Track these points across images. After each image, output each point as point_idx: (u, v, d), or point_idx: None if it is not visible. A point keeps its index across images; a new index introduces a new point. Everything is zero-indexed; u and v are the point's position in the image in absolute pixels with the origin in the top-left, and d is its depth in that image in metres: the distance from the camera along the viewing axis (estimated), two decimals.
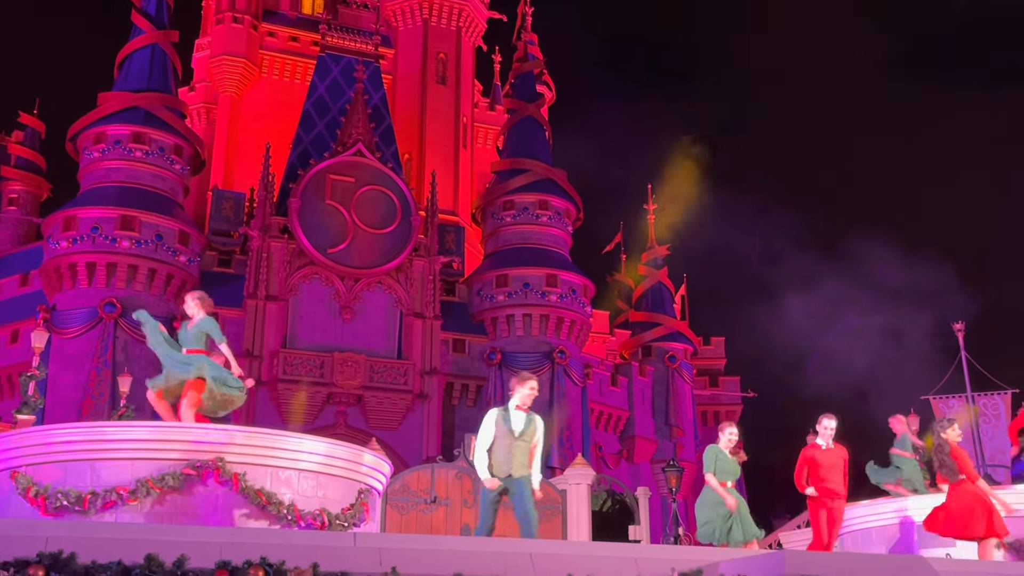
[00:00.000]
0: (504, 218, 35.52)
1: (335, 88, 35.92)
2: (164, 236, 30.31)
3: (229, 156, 39.69)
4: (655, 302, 41.44)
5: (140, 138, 31.44)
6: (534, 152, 36.60)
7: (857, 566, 5.82)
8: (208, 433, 9.43)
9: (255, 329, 30.57)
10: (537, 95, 39.10)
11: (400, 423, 31.39)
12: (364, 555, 5.54)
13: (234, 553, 5.17)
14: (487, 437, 8.91)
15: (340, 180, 32.62)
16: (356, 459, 10.29)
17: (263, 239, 31.54)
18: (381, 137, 34.68)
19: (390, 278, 32.55)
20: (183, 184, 32.64)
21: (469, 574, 5.47)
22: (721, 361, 44.43)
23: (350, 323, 31.74)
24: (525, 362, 32.83)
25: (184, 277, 30.78)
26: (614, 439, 36.49)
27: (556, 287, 33.86)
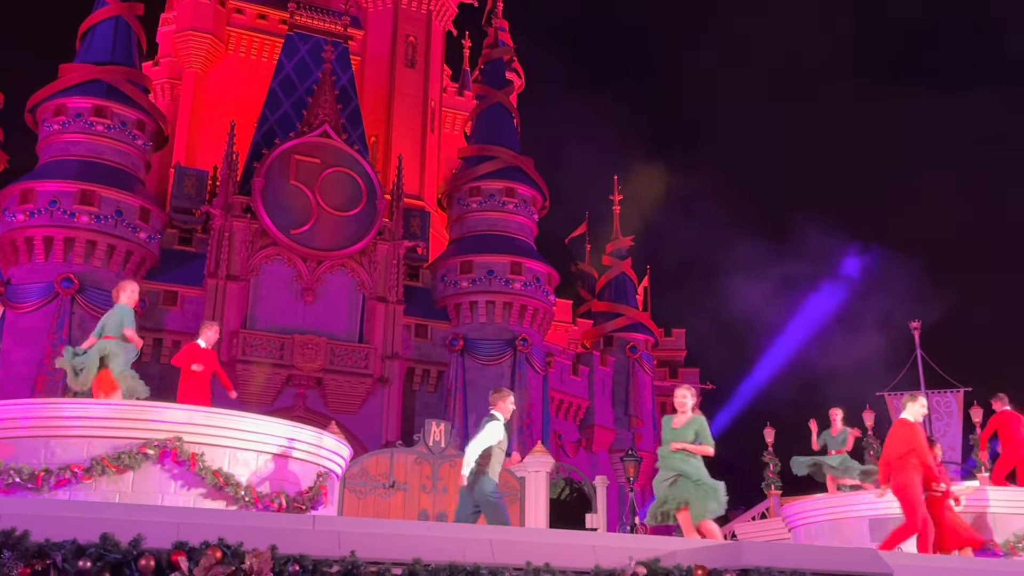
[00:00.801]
0: (470, 204, 35.44)
1: (302, 68, 35.57)
2: (124, 212, 29.86)
3: (193, 133, 39.16)
4: (618, 292, 41.66)
5: (102, 112, 30.92)
6: (502, 139, 36.54)
7: (811, 557, 5.90)
8: (166, 412, 9.35)
9: (215, 309, 30.25)
10: (506, 82, 39.02)
11: (360, 407, 31.28)
12: (323, 538, 5.52)
13: (191, 534, 5.12)
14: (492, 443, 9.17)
15: (305, 161, 32.33)
16: (316, 442, 10.25)
17: (225, 218, 31.20)
18: (348, 119, 34.41)
19: (353, 261, 32.37)
20: (145, 160, 32.18)
21: (428, 560, 5.46)
22: (681, 353, 44.83)
23: (311, 305, 31.53)
24: (487, 349, 32.87)
25: (144, 254, 30.37)
26: (574, 428, 36.66)
27: (520, 275, 33.88)
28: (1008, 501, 12.17)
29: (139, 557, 4.91)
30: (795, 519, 13.88)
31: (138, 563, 4.89)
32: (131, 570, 4.89)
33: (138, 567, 4.89)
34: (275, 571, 5.12)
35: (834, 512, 12.96)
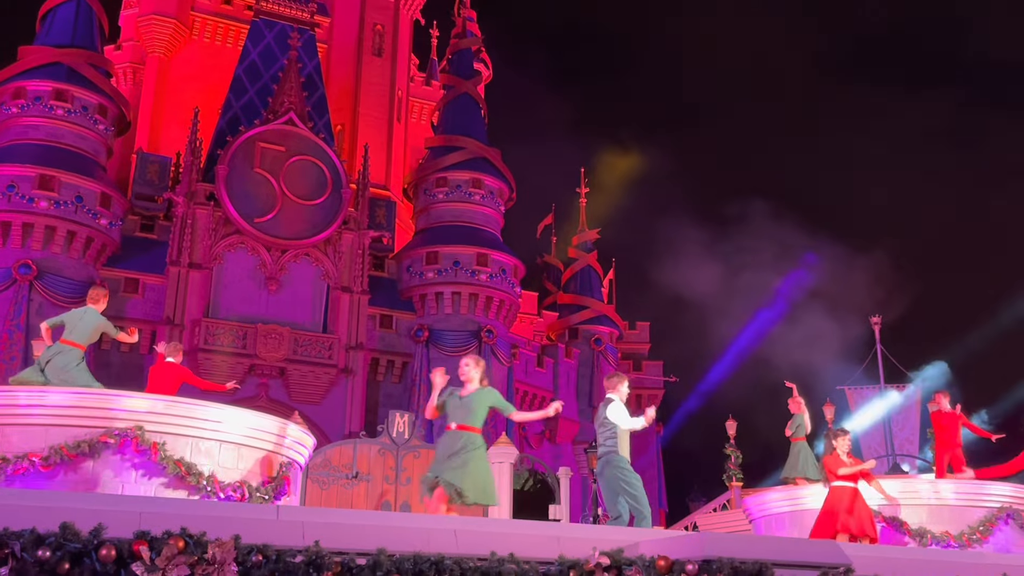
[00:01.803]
0: (436, 195, 35.34)
1: (268, 54, 35.22)
2: (84, 198, 29.42)
3: (155, 119, 38.62)
4: (583, 285, 41.79)
5: (62, 95, 30.42)
6: (469, 130, 36.45)
7: (772, 549, 5.97)
8: (127, 401, 9.25)
9: (177, 297, 29.94)
10: (474, 72, 38.90)
11: (323, 397, 31.12)
12: (287, 528, 5.49)
13: (153, 523, 5.07)
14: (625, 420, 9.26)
15: (270, 148, 32.05)
16: (279, 432, 10.20)
17: (188, 205, 30.86)
18: (314, 107, 34.13)
19: (318, 250, 32.16)
20: (106, 145, 31.71)
21: (392, 550, 5.46)
22: (645, 346, 45.07)
23: (275, 294, 31.29)
24: (452, 340, 32.83)
25: (104, 241, 29.95)
26: (537, 420, 36.75)
27: (486, 266, 33.86)
28: (962, 494, 12.42)
29: (100, 547, 4.86)
30: (756, 511, 14.04)
31: (99, 553, 4.84)
32: (91, 560, 4.84)
33: (99, 557, 4.84)
34: (238, 561, 5.09)
35: (794, 504, 13.14)
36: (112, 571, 4.89)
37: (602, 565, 5.79)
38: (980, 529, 11.79)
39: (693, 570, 5.59)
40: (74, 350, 10.14)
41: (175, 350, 12.14)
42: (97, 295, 10.53)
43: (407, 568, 5.43)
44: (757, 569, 5.53)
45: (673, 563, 5.72)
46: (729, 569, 5.50)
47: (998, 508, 12.05)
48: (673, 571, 5.70)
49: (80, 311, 10.39)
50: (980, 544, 11.57)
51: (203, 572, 5.02)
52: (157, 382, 11.81)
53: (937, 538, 11.66)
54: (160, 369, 12.03)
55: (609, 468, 9.08)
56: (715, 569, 5.51)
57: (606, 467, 9.11)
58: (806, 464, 14.73)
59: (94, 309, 10.38)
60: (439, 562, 5.49)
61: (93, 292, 10.58)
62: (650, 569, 5.75)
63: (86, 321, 10.25)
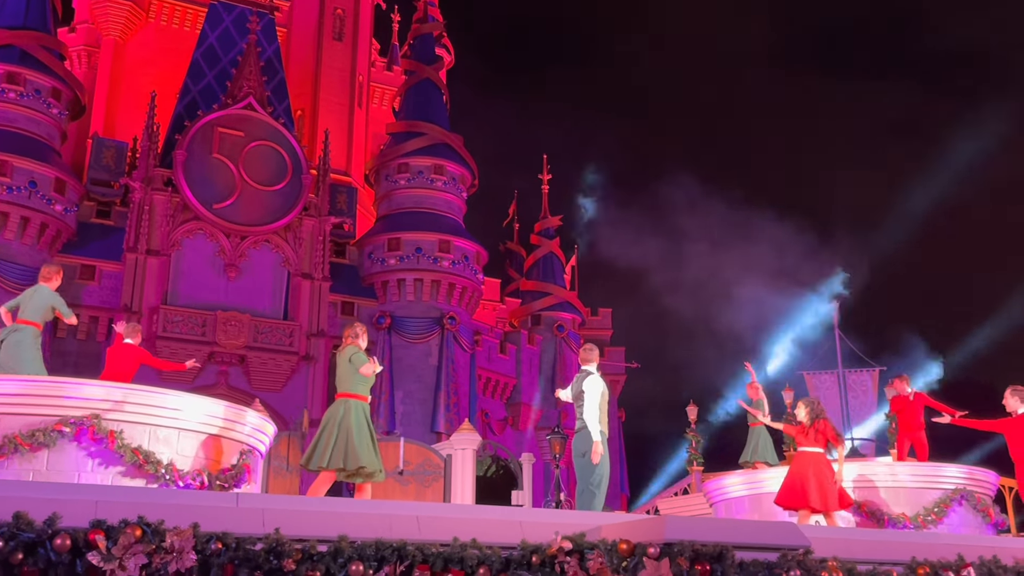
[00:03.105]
0: (398, 181, 35.15)
1: (226, 38, 34.74)
2: (39, 183, 28.88)
3: (111, 103, 37.98)
4: (546, 272, 41.85)
5: (14, 78, 29.81)
6: (431, 116, 36.27)
7: (732, 531, 6.02)
8: (83, 389, 9.09)
9: (135, 284, 29.53)
10: (436, 58, 38.70)
11: (284, 385, 30.91)
12: (247, 516, 5.43)
13: (109, 512, 4.99)
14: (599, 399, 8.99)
15: (229, 134, 31.66)
16: (239, 419, 10.09)
17: (146, 191, 30.42)
18: (273, 92, 33.76)
19: (278, 237, 31.87)
20: (61, 129, 31.14)
21: (354, 536, 5.43)
22: (608, 332, 45.28)
23: (235, 281, 30.98)
24: (415, 327, 32.74)
25: (60, 227, 29.44)
26: (500, 406, 36.81)
27: (449, 253, 33.78)
28: (918, 476, 12.61)
29: (55, 536, 4.77)
30: (716, 494, 14.16)
31: (53, 542, 4.75)
32: (46, 550, 4.75)
33: (53, 546, 4.75)
34: (197, 549, 5.02)
35: (753, 487, 13.26)
36: (67, 561, 4.81)
37: (564, 549, 5.80)
38: (935, 510, 11.97)
39: (655, 553, 5.61)
40: (28, 328, 10.02)
41: (133, 331, 11.94)
42: (49, 273, 10.36)
43: (369, 555, 5.39)
44: (718, 552, 5.57)
45: (635, 546, 5.74)
46: (690, 552, 5.53)
47: (952, 490, 12.24)
48: (635, 554, 5.72)
49: (32, 289, 10.28)
50: (935, 525, 11.76)
51: (161, 561, 4.95)
52: (115, 365, 11.62)
53: (894, 519, 11.83)
54: (118, 351, 11.82)
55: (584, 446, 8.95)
56: (676, 552, 5.54)
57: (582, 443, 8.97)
58: (765, 449, 14.87)
59: (46, 287, 10.23)
60: (401, 548, 5.47)
61: (45, 270, 10.41)
62: (612, 553, 5.77)
63: (37, 298, 10.12)
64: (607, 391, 9.24)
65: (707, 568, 5.54)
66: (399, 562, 5.45)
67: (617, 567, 5.74)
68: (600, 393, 9.03)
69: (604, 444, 8.95)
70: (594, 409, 8.97)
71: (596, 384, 9.07)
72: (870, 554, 6.80)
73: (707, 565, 5.55)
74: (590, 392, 9.01)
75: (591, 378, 9.14)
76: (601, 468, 8.87)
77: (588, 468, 8.90)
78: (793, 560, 5.84)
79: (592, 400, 9.00)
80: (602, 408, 9.05)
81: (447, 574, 5.52)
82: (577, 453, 9.06)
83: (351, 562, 5.33)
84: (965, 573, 6.65)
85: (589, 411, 8.97)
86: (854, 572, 6.39)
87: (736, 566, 5.63)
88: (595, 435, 8.84)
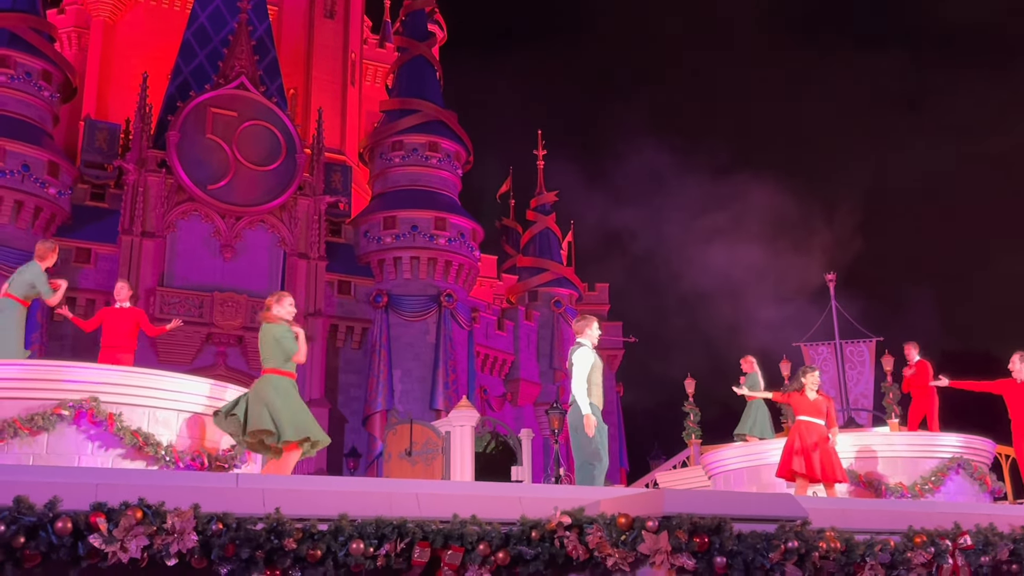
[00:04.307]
0: (393, 159, 35.04)
1: (217, 17, 34.48)
2: (32, 167, 28.76)
3: (103, 84, 37.75)
4: (542, 248, 41.81)
5: (4, 61, 29.62)
6: (424, 92, 36.09)
7: (731, 504, 6.06)
8: (81, 372, 9.11)
9: (130, 266, 29.47)
10: (428, 34, 38.44)
11: None
12: (247, 496, 5.45)
13: (110, 494, 5.01)
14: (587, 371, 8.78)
15: (222, 114, 31.50)
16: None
17: (139, 173, 30.31)
18: (265, 71, 33.56)
19: (273, 217, 31.80)
20: (52, 112, 30.97)
21: (355, 515, 5.45)
22: (605, 307, 45.31)
23: (231, 262, 30.93)
24: (412, 305, 32.74)
25: (54, 210, 29.35)
26: (499, 382, 36.89)
27: (445, 230, 33.72)
28: (914, 445, 12.68)
29: (56, 519, 4.79)
30: (714, 467, 14.24)
31: (55, 525, 4.78)
32: (47, 533, 4.78)
33: (54, 530, 4.77)
34: (198, 530, 5.05)
35: (751, 459, 13.33)
36: (69, 544, 4.83)
37: (563, 524, 5.84)
38: (932, 479, 12.06)
39: (653, 526, 5.65)
40: (12, 304, 10.03)
41: (124, 291, 11.85)
42: (43, 251, 10.30)
43: (369, 532, 5.42)
44: (716, 524, 5.60)
45: (634, 520, 5.77)
46: (688, 524, 5.57)
47: (949, 459, 12.33)
48: (634, 528, 5.76)
49: (24, 266, 10.31)
50: (932, 494, 11.85)
51: (162, 542, 4.98)
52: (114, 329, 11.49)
53: (891, 489, 11.91)
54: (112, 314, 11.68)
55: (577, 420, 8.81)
56: (675, 525, 5.58)
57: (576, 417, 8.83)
58: (763, 424, 14.90)
59: (37, 264, 10.21)
60: (401, 526, 5.50)
61: (40, 247, 10.37)
62: (611, 527, 5.81)
63: (24, 274, 10.12)
64: (599, 362, 8.99)
65: (705, 540, 5.58)
66: (399, 539, 5.48)
67: (616, 541, 5.78)
68: (588, 364, 8.81)
69: (597, 416, 8.76)
70: (581, 381, 8.77)
71: (584, 356, 8.87)
72: (867, 524, 6.84)
73: (705, 537, 5.58)
74: (578, 364, 8.85)
75: (580, 350, 8.98)
76: (597, 441, 8.70)
77: (585, 442, 8.78)
78: (791, 531, 5.87)
79: (579, 372, 8.82)
80: (592, 380, 8.83)
81: (447, 550, 5.56)
82: (573, 428, 8.90)
83: (352, 540, 5.36)
84: (962, 541, 6.70)
85: (577, 383, 8.80)
86: (852, 542, 6.43)
87: (734, 538, 5.67)
88: (584, 408, 8.66)
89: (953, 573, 6.63)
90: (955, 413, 14.06)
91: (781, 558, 5.76)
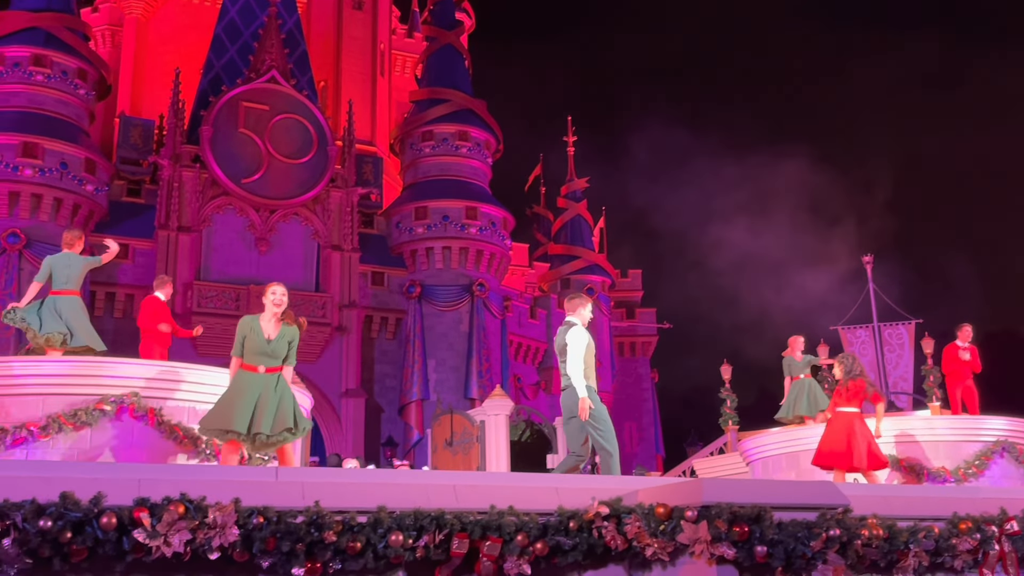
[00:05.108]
0: (423, 149, 35.08)
1: (247, 12, 34.66)
2: (69, 164, 29.14)
3: (136, 81, 38.13)
4: (574, 235, 41.72)
5: (41, 61, 29.98)
6: (454, 81, 36.07)
7: (769, 492, 6.01)
8: (122, 368, 9.24)
9: (167, 261, 29.81)
10: (456, 23, 38.40)
11: (319, 356, 31.15)
12: (286, 489, 5.50)
13: (152, 489, 5.08)
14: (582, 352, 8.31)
15: (254, 108, 31.69)
16: None
17: (174, 168, 30.60)
18: (296, 64, 33.71)
19: (307, 209, 31.98)
20: (88, 110, 31.33)
21: (393, 507, 5.48)
22: (638, 293, 45.16)
23: (266, 255, 31.18)
24: (445, 295, 32.83)
25: (92, 207, 29.73)
26: (533, 370, 36.91)
27: (476, 219, 33.74)
28: (957, 429, 12.52)
29: (100, 515, 4.86)
30: (752, 453, 14.16)
31: (100, 521, 4.85)
32: (93, 528, 4.85)
33: (100, 525, 4.84)
34: (239, 524, 5.10)
35: (790, 445, 13.23)
36: (114, 539, 4.90)
37: (601, 514, 5.83)
38: (976, 463, 11.91)
39: (692, 516, 5.62)
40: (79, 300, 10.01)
41: (162, 283, 11.94)
42: (71, 239, 10.24)
43: (408, 524, 5.45)
44: (756, 513, 5.56)
45: (672, 510, 5.75)
46: (728, 514, 5.53)
47: (993, 442, 12.16)
48: (672, 518, 5.74)
49: (63, 257, 9.96)
50: (976, 478, 11.70)
51: (205, 536, 5.04)
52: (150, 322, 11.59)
53: (934, 474, 11.77)
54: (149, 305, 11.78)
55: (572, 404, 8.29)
56: (714, 515, 5.54)
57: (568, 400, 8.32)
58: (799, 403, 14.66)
59: (74, 253, 10.16)
60: (439, 517, 5.52)
61: (67, 236, 10.30)
62: (649, 517, 5.79)
63: (72, 266, 10.01)
64: (592, 343, 8.50)
65: (745, 529, 5.54)
66: (438, 531, 5.50)
67: (655, 531, 5.76)
68: (584, 346, 8.32)
69: (595, 398, 8.26)
70: (578, 363, 8.25)
71: (578, 335, 8.37)
72: (910, 510, 6.76)
73: (745, 527, 5.54)
74: (572, 344, 8.32)
75: (574, 330, 8.43)
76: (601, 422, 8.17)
77: (579, 430, 8.27)
78: (832, 519, 5.82)
79: (575, 352, 8.28)
80: (587, 362, 8.31)
81: (486, 541, 5.57)
82: (566, 414, 8.41)
83: (391, 532, 5.39)
84: (1008, 527, 6.60)
85: (573, 365, 8.26)
86: (894, 529, 6.36)
87: (775, 527, 5.62)
88: (580, 391, 8.14)
89: (999, 560, 6.54)
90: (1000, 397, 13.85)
91: (823, 546, 5.71)
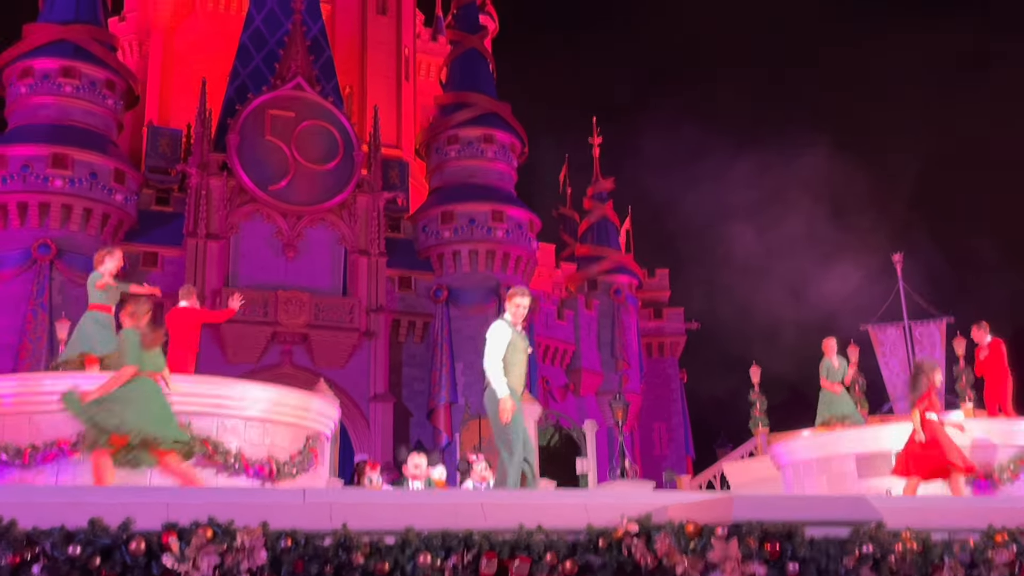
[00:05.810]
0: (448, 153, 35.13)
1: (272, 19, 34.88)
2: (99, 174, 29.45)
3: (163, 91, 38.49)
4: (600, 235, 41.61)
5: (70, 72, 30.33)
6: (478, 85, 36.10)
7: (800, 508, 5.93)
8: None
9: (196, 268, 30.05)
10: (480, 26, 38.42)
11: (347, 361, 31.27)
12: (314, 511, 5.49)
13: (180, 513, 5.08)
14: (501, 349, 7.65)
15: (280, 115, 31.88)
16: (303, 405, 10.22)
17: (202, 176, 30.84)
18: (321, 70, 33.87)
19: (333, 215, 32.12)
20: (116, 120, 31.66)
21: (420, 527, 5.46)
22: (665, 293, 44.97)
23: (293, 261, 31.35)
24: (472, 298, 32.85)
25: (121, 216, 30.03)
26: (561, 373, 36.84)
27: (502, 222, 33.74)
28: (991, 432, 12.29)
29: (129, 540, 4.87)
30: (783, 457, 13.99)
31: (128, 546, 4.86)
32: (122, 554, 4.86)
33: (129, 551, 4.86)
34: (268, 547, 5.10)
35: (821, 449, 13.07)
36: (143, 564, 4.91)
37: (631, 532, 5.78)
38: (1011, 468, 11.67)
39: (723, 534, 5.55)
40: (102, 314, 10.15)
41: (188, 292, 12.05)
42: (101, 257, 10.39)
43: (436, 545, 5.43)
44: (787, 530, 5.49)
45: (702, 527, 5.69)
46: (759, 532, 5.46)
47: None
48: (702, 535, 5.67)
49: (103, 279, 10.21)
50: (1011, 483, 11.48)
51: (233, 560, 5.04)
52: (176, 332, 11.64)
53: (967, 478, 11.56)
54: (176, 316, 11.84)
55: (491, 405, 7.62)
56: (745, 532, 5.47)
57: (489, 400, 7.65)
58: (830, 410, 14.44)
59: (95, 272, 10.29)
60: (467, 537, 5.49)
61: (97, 255, 10.45)
62: (679, 534, 5.73)
63: (90, 283, 10.23)
64: (520, 341, 7.72)
65: (776, 547, 5.46)
66: (466, 551, 5.47)
67: (685, 548, 5.70)
68: (503, 342, 7.59)
69: (517, 400, 7.56)
70: (494, 359, 7.55)
71: (497, 331, 7.64)
72: (944, 521, 6.65)
73: (776, 544, 5.47)
74: (490, 341, 7.61)
75: (495, 325, 7.73)
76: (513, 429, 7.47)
77: (503, 432, 7.50)
78: (865, 535, 5.73)
79: (491, 348, 7.59)
80: (510, 360, 7.59)
81: (514, 561, 5.53)
82: (490, 416, 7.66)
83: (419, 553, 5.36)
84: None
85: (489, 361, 7.56)
86: (928, 542, 6.25)
87: (806, 544, 5.54)
88: (500, 391, 7.47)
89: None
90: None
91: (856, 563, 5.63)
